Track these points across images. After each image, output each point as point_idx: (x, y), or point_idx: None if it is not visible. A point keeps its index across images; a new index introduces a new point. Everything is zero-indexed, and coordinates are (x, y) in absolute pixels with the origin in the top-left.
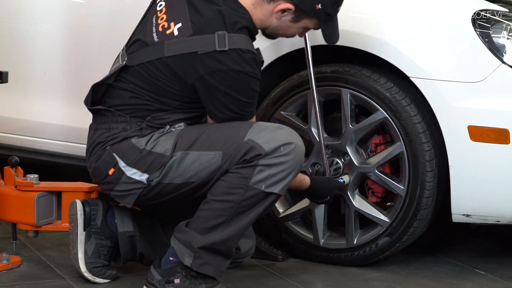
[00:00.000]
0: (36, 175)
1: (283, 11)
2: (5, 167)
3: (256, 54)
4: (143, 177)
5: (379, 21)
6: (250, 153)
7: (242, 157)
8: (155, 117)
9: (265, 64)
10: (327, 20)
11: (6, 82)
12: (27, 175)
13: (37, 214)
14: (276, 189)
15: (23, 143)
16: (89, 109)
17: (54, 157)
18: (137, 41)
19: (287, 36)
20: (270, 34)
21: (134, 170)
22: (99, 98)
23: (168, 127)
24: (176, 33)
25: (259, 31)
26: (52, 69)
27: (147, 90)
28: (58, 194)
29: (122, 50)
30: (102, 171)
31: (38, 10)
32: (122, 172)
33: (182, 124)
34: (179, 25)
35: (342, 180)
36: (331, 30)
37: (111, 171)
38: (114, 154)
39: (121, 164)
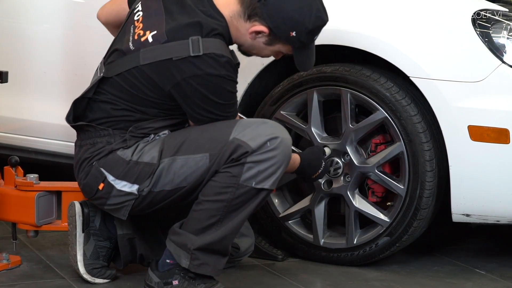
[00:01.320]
0: (36, 175)
1: (258, 32)
2: (5, 167)
3: (231, 58)
4: (133, 188)
5: (378, 20)
6: (237, 152)
7: (230, 156)
8: (137, 126)
9: (265, 64)
10: (301, 47)
11: (6, 81)
12: (27, 175)
13: (37, 214)
14: (266, 184)
15: (23, 143)
16: (72, 126)
17: (54, 157)
18: (115, 51)
19: (262, 56)
20: (246, 52)
21: (124, 182)
22: (80, 113)
23: (152, 136)
24: (150, 40)
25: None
26: (52, 69)
27: (126, 100)
28: (58, 194)
29: (101, 62)
30: (92, 187)
31: (38, 10)
32: (112, 186)
33: (166, 131)
34: (154, 32)
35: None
36: (304, 59)
37: (101, 186)
38: (102, 169)
39: (110, 178)
